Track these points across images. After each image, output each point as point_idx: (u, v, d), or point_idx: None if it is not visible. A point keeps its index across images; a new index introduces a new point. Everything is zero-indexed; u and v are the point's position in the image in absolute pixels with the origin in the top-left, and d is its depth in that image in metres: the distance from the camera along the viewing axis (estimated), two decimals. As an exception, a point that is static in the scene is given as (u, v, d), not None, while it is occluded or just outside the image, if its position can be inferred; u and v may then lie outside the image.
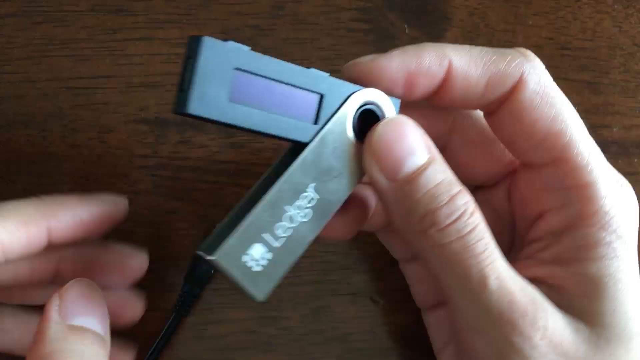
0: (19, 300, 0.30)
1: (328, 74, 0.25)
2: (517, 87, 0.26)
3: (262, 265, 0.23)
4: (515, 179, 0.29)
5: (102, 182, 0.33)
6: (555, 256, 0.26)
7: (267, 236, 0.24)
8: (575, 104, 0.31)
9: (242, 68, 0.23)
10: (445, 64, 0.25)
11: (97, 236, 0.28)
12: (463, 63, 0.25)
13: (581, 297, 0.25)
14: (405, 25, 0.35)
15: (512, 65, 0.26)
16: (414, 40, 0.35)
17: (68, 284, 0.25)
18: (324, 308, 0.34)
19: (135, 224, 0.33)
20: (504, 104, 0.26)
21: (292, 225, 0.24)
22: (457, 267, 0.24)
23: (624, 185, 0.27)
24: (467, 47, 0.26)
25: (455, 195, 0.24)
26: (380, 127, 0.25)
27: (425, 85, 0.26)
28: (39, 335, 0.24)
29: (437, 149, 0.25)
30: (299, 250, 0.24)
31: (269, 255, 0.24)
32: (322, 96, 0.25)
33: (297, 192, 0.24)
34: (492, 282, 0.24)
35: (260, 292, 0.24)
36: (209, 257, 0.23)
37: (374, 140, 0.25)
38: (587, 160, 0.26)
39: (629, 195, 0.27)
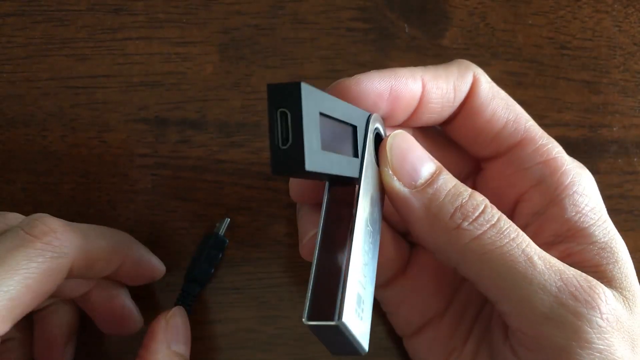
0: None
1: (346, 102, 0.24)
2: (472, 87, 0.27)
3: (361, 315, 0.22)
4: (482, 176, 0.30)
5: (102, 182, 0.33)
6: (556, 232, 0.27)
7: (361, 281, 0.23)
8: (575, 103, 0.31)
9: (323, 112, 0.21)
10: (419, 82, 0.26)
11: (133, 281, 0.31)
12: (432, 78, 0.27)
13: (604, 266, 0.26)
14: (405, 25, 0.35)
15: (464, 69, 0.27)
16: (413, 40, 0.35)
17: (173, 312, 0.30)
18: (323, 307, 0.34)
19: (135, 223, 0.33)
20: (462, 106, 0.28)
21: (368, 263, 0.24)
22: (500, 253, 0.24)
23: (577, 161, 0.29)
24: (422, 67, 0.27)
25: (471, 193, 0.25)
26: (391, 140, 0.25)
27: (406, 102, 0.26)
28: (146, 353, 0.28)
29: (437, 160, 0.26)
30: (372, 286, 0.24)
31: (364, 304, 0.22)
32: (355, 128, 0.24)
33: (366, 231, 0.24)
34: (538, 261, 0.24)
35: (366, 343, 0.22)
36: (334, 323, 0.21)
37: (388, 152, 0.25)
38: (547, 138, 0.28)
39: (583, 167, 0.28)
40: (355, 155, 0.24)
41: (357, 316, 0.21)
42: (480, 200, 0.25)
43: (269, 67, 0.34)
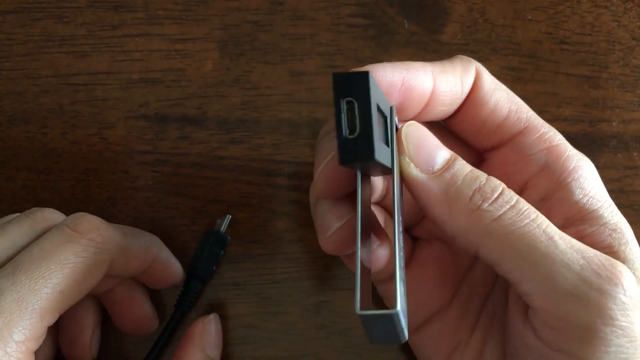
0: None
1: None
2: (476, 80, 0.28)
3: (402, 305, 0.22)
4: (485, 167, 0.30)
5: (102, 179, 0.33)
6: (566, 215, 0.27)
7: (401, 273, 0.23)
8: (575, 98, 0.31)
9: (377, 102, 0.21)
10: (430, 74, 0.26)
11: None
12: (441, 72, 0.27)
13: (617, 247, 0.26)
14: (405, 21, 0.35)
15: (466, 64, 0.28)
16: (413, 36, 0.35)
17: (210, 318, 0.32)
18: (324, 303, 0.34)
19: (135, 220, 0.33)
20: (466, 99, 0.28)
21: (400, 253, 0.23)
22: (521, 234, 0.24)
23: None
24: (429, 62, 0.27)
25: (488, 176, 0.25)
26: (405, 131, 0.25)
27: (419, 95, 0.26)
28: (183, 354, 0.30)
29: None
30: (403, 274, 0.24)
31: (403, 292, 0.23)
32: (386, 118, 0.24)
33: (399, 222, 0.24)
34: (559, 241, 0.24)
35: (407, 330, 0.23)
36: (390, 312, 0.21)
37: (404, 142, 0.25)
38: (549, 127, 0.28)
39: (582, 154, 0.29)
40: (387, 144, 0.24)
41: (404, 307, 0.22)
42: (498, 183, 0.25)
43: (268, 63, 0.34)
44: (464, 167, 0.25)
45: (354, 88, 0.20)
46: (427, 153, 0.25)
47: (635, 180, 0.35)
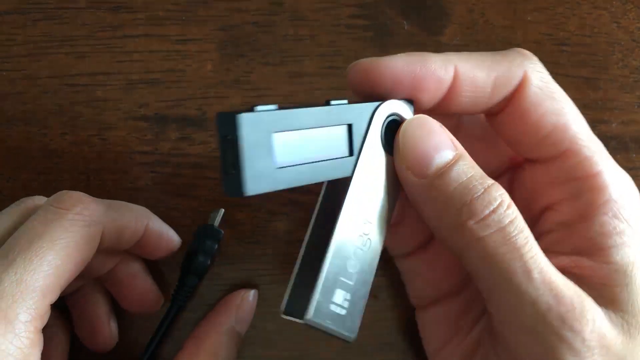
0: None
1: (346, 101, 0.24)
2: (521, 85, 0.26)
3: (345, 307, 0.24)
4: (519, 174, 0.29)
5: (102, 179, 0.33)
6: (575, 247, 0.26)
7: (343, 279, 0.24)
8: (574, 99, 0.31)
9: (280, 130, 0.22)
10: (451, 69, 0.25)
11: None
12: (468, 67, 0.26)
13: (611, 287, 0.25)
14: (405, 22, 0.35)
15: (515, 64, 0.26)
16: (413, 37, 0.35)
17: (250, 294, 0.33)
18: (324, 304, 0.34)
19: (135, 220, 0.33)
20: (508, 103, 0.26)
21: (359, 258, 0.24)
22: (499, 261, 0.24)
23: (625, 174, 0.27)
24: (467, 53, 0.26)
25: (489, 186, 0.24)
26: (405, 127, 0.25)
27: (433, 90, 0.26)
28: (216, 317, 0.32)
29: (460, 145, 0.25)
30: (370, 278, 0.25)
31: (349, 295, 0.24)
32: (350, 126, 0.24)
33: (357, 227, 0.24)
34: (537, 277, 0.23)
35: (351, 332, 0.24)
36: (304, 320, 0.23)
37: (400, 139, 0.25)
38: (593, 150, 0.26)
39: (630, 183, 0.27)
40: (351, 153, 0.24)
41: (333, 310, 0.23)
42: (495, 196, 0.24)
43: (268, 64, 0.34)
44: (461, 174, 0.24)
45: (229, 127, 0.21)
46: (423, 154, 0.24)
47: (634, 181, 0.35)
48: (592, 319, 0.23)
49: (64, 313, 0.32)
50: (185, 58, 0.34)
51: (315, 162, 0.23)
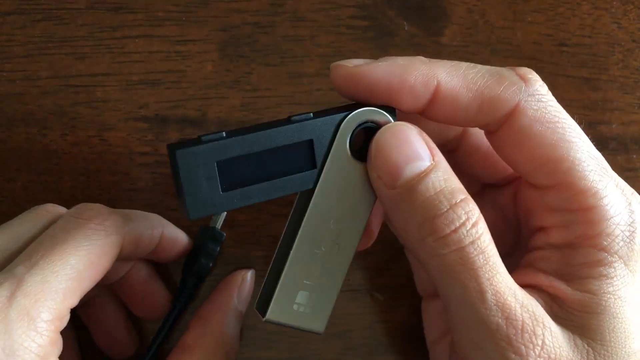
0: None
1: (312, 114, 0.25)
2: (514, 113, 0.25)
3: (311, 306, 0.26)
4: (520, 189, 0.29)
5: (103, 180, 0.33)
6: (557, 269, 0.26)
7: (306, 281, 0.26)
8: (574, 100, 0.31)
9: (223, 158, 0.24)
10: (432, 85, 0.25)
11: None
12: (453, 85, 0.25)
13: (581, 313, 0.25)
14: (405, 22, 0.35)
15: (509, 91, 0.25)
16: (413, 38, 0.35)
17: (249, 274, 0.33)
18: (324, 304, 0.34)
19: (135, 221, 0.33)
20: (502, 127, 0.26)
21: (325, 263, 0.26)
22: (455, 279, 0.24)
23: (635, 205, 0.26)
24: (463, 67, 0.25)
25: (457, 203, 0.24)
26: (379, 135, 0.25)
27: (410, 102, 0.25)
28: (218, 296, 0.32)
29: (441, 155, 0.25)
30: (339, 280, 0.27)
31: (314, 296, 0.26)
32: (311, 141, 0.25)
33: (320, 235, 0.26)
34: (490, 298, 0.24)
35: (319, 325, 0.27)
36: (264, 319, 0.26)
37: (373, 147, 0.25)
38: (591, 184, 0.25)
39: (632, 213, 0.26)
40: (314, 166, 0.25)
41: (295, 310, 0.26)
42: (460, 214, 0.24)
43: (268, 65, 0.34)
44: (429, 188, 0.24)
45: (172, 160, 0.24)
46: (394, 165, 0.24)
47: (635, 182, 0.35)
48: (540, 343, 0.24)
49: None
50: (185, 59, 0.34)
51: (273, 179, 0.25)
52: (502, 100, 0.25)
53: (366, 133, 0.26)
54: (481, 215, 0.24)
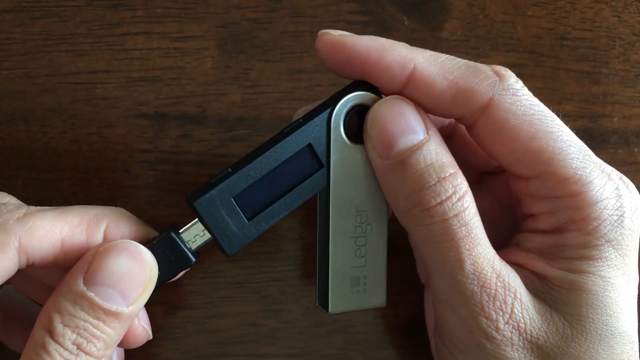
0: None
1: (300, 119, 0.27)
2: (488, 107, 0.25)
3: (366, 286, 0.28)
4: (509, 178, 0.29)
5: (103, 177, 0.33)
6: (541, 249, 0.27)
7: (353, 266, 0.28)
8: (575, 93, 0.31)
9: (237, 192, 0.26)
10: (408, 68, 0.25)
11: None
12: (429, 72, 0.25)
13: (560, 288, 0.26)
14: (405, 17, 0.35)
15: (483, 84, 0.25)
16: (413, 32, 0.35)
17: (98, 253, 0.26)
18: (325, 300, 0.34)
19: (136, 218, 0.33)
20: (479, 121, 0.26)
21: (364, 243, 0.28)
22: (436, 248, 0.25)
23: (622, 189, 0.26)
24: (442, 57, 0.26)
25: (445, 177, 0.25)
26: (374, 108, 0.26)
27: (384, 80, 0.26)
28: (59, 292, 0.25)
29: (435, 129, 0.26)
30: (382, 253, 0.28)
31: (365, 275, 0.28)
32: (309, 145, 0.27)
33: (349, 222, 0.27)
34: (468, 267, 0.25)
35: (380, 299, 0.29)
36: (329, 313, 0.28)
37: (369, 119, 0.26)
38: (574, 171, 0.25)
39: (627, 199, 0.26)
40: (321, 165, 0.27)
41: (352, 295, 0.28)
42: (447, 188, 0.25)
43: (268, 61, 0.34)
44: (420, 161, 0.25)
45: (194, 210, 0.27)
46: (389, 136, 0.25)
47: (636, 176, 0.35)
48: (509, 311, 0.25)
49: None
50: (184, 55, 0.34)
51: (289, 191, 0.27)
52: (476, 92, 0.25)
53: (359, 115, 0.27)
54: (469, 190, 0.25)
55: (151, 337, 0.29)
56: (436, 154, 0.25)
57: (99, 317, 0.24)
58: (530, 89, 0.35)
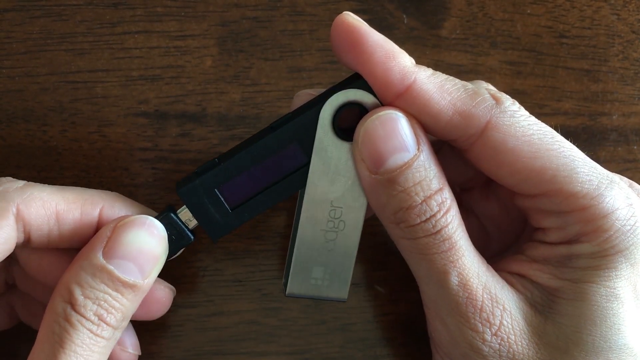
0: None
1: (290, 114, 0.27)
2: (486, 130, 0.25)
3: (329, 278, 0.28)
4: (515, 194, 0.28)
5: (103, 176, 0.33)
6: (545, 259, 0.27)
7: (319, 256, 0.28)
8: (574, 92, 0.31)
9: (222, 183, 0.27)
10: (408, 80, 0.25)
11: None
12: (428, 88, 0.25)
13: (558, 299, 0.25)
14: (404, 15, 0.35)
15: (480, 107, 0.25)
16: (412, 31, 0.35)
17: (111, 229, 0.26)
18: (325, 298, 0.34)
19: (136, 217, 0.33)
20: (476, 144, 0.26)
21: (334, 239, 0.28)
22: (422, 260, 0.26)
23: (633, 197, 0.26)
24: (442, 77, 0.25)
25: (431, 195, 0.25)
26: (367, 123, 0.25)
27: (380, 82, 0.25)
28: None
29: (426, 144, 0.25)
30: (352, 252, 0.28)
31: (330, 269, 0.28)
32: (297, 140, 0.27)
33: (321, 215, 0.27)
34: (453, 279, 0.25)
35: (341, 294, 0.29)
36: (286, 294, 0.28)
37: (361, 132, 0.26)
38: (581, 185, 0.25)
39: (639, 207, 0.26)
40: (308, 160, 0.27)
41: (313, 283, 0.28)
42: (432, 206, 0.25)
43: (268, 60, 0.34)
44: (409, 180, 0.25)
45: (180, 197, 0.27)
46: (379, 154, 0.25)
47: (635, 174, 0.35)
48: (497, 324, 0.25)
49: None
50: (184, 54, 0.34)
51: (274, 185, 0.27)
52: (473, 115, 0.25)
53: (351, 111, 0.26)
54: (454, 203, 0.26)
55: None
56: (425, 170, 0.25)
57: (118, 290, 0.25)
58: (529, 87, 0.35)
